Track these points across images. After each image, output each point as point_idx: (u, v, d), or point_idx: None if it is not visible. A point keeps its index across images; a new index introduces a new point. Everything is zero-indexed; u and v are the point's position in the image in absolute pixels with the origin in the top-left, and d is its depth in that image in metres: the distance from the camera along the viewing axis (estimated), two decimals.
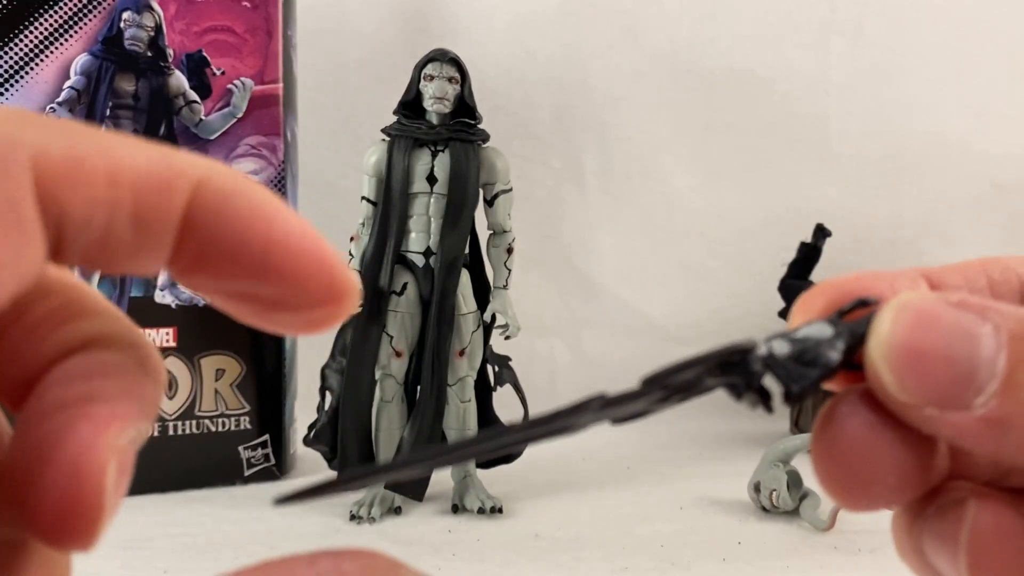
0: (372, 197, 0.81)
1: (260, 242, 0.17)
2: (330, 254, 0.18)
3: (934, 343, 0.19)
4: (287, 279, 0.17)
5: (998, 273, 0.22)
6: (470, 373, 0.82)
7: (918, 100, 1.09)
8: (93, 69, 0.79)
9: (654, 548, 0.70)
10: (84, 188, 0.16)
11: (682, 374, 0.20)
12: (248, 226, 0.17)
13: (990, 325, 0.19)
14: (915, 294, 0.20)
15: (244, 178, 0.18)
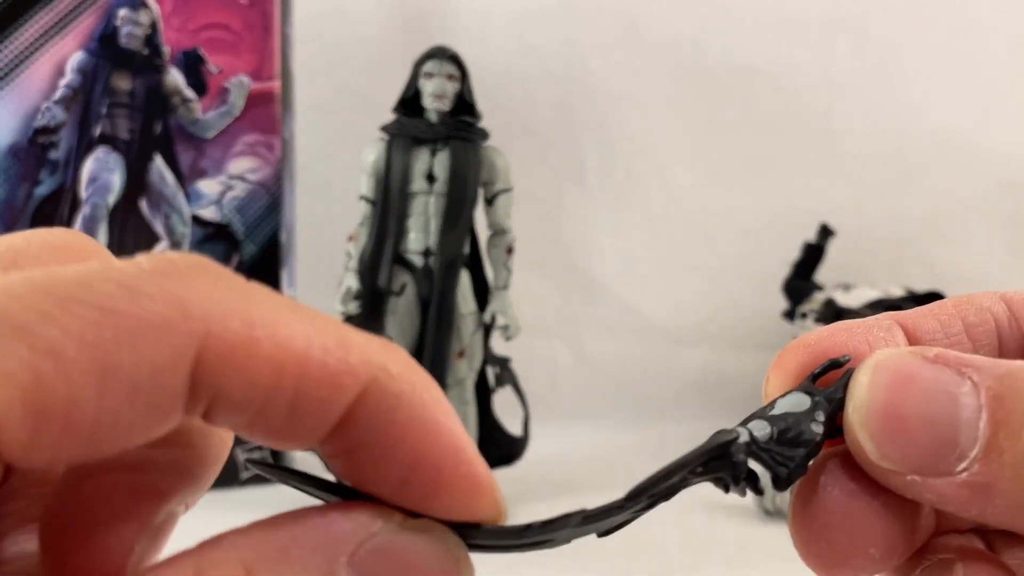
0: (370, 196, 0.81)
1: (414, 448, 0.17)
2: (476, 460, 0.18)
3: (913, 406, 0.19)
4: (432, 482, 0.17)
5: (973, 314, 0.22)
6: (470, 374, 0.81)
7: (923, 99, 1.09)
8: (89, 67, 0.79)
9: (656, 552, 0.70)
10: (248, 374, 0.16)
11: (667, 481, 0.20)
12: (407, 431, 0.17)
13: (968, 384, 0.19)
14: (890, 352, 0.19)
15: (416, 379, 0.17)
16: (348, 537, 0.16)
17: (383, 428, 0.17)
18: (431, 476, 0.17)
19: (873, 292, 0.87)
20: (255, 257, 0.81)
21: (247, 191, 0.82)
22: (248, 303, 0.16)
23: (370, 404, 0.17)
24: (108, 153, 0.80)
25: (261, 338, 0.15)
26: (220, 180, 0.81)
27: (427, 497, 0.17)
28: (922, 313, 0.22)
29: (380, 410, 0.17)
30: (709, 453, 0.20)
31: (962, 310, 0.22)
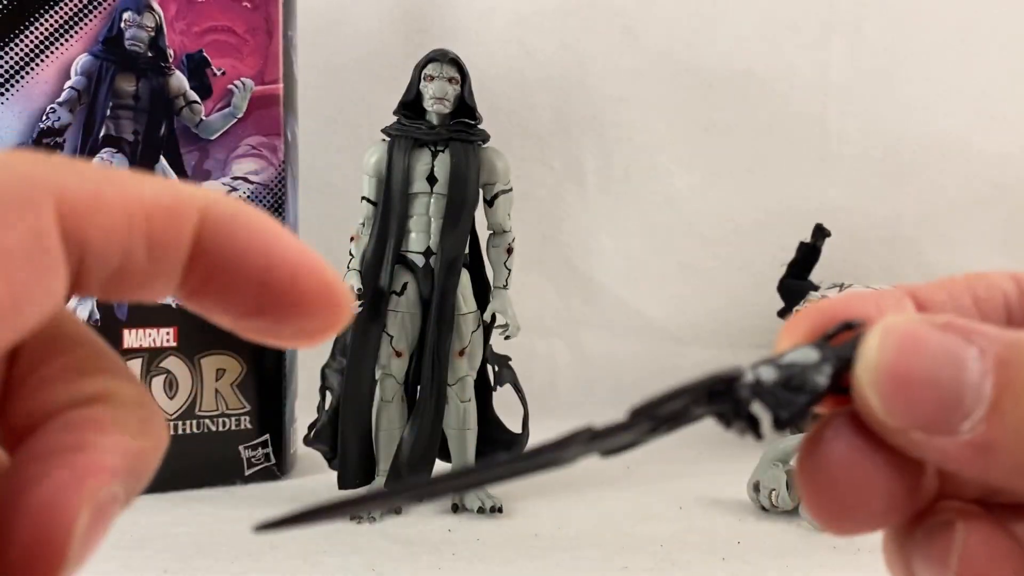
0: (372, 197, 0.81)
1: (262, 258, 0.18)
2: (325, 266, 0.19)
3: (920, 367, 0.19)
4: (287, 291, 0.19)
5: (983, 290, 0.22)
6: (470, 373, 0.82)
7: (917, 100, 1.09)
8: (94, 69, 0.79)
9: (653, 547, 0.70)
10: (103, 218, 0.17)
11: (669, 404, 0.20)
12: (250, 245, 0.18)
13: (975, 348, 0.19)
14: (901, 317, 0.20)
15: (243, 204, 0.19)
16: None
17: (228, 246, 0.18)
18: (284, 288, 0.19)
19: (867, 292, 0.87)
20: None
21: (250, 192, 0.82)
22: (84, 168, 0.18)
23: (212, 225, 0.18)
24: (113, 155, 0.81)
25: (106, 190, 0.17)
26: (224, 181, 0.82)
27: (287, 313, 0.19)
28: (933, 286, 0.22)
29: (221, 230, 0.18)
30: (713, 382, 0.20)
31: (972, 285, 0.22)
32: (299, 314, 0.19)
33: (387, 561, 0.69)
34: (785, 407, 0.20)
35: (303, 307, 0.19)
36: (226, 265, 0.18)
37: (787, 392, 0.20)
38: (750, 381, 0.20)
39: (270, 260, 0.18)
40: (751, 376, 0.20)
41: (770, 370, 0.20)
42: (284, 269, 0.19)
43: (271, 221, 0.19)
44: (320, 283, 0.19)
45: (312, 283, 0.19)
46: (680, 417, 0.20)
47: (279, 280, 0.19)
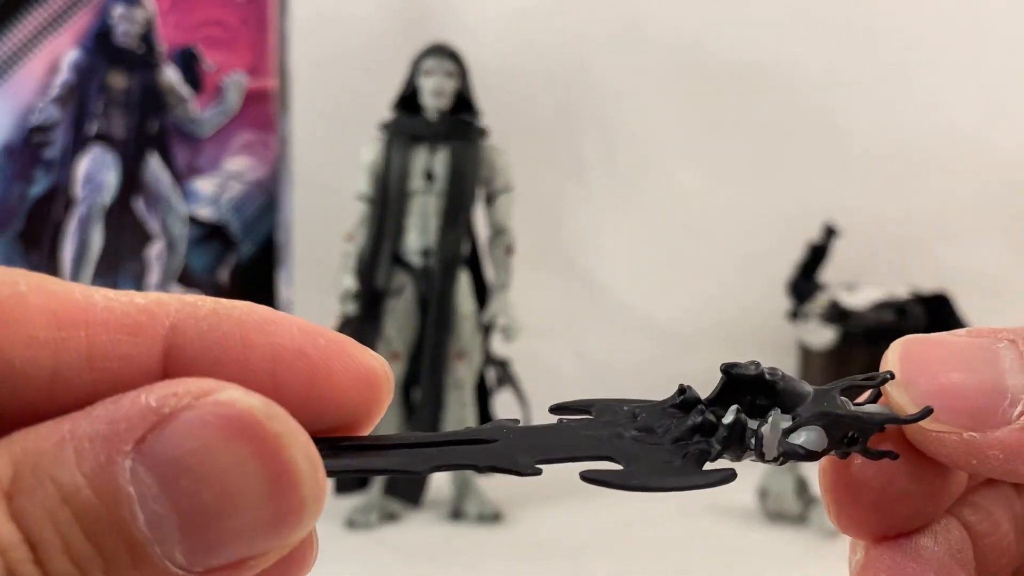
0: (369, 195, 0.80)
1: (266, 360, 0.16)
2: (347, 345, 0.16)
3: (951, 365, 0.18)
4: (306, 387, 0.16)
5: None
6: (469, 375, 0.81)
7: (929, 98, 1.08)
8: (84, 65, 0.78)
9: (658, 555, 0.70)
10: (23, 328, 0.15)
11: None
12: (244, 346, 0.16)
13: (1004, 340, 0.18)
14: (914, 335, 0.19)
15: (226, 301, 0.16)
16: (134, 422, 0.14)
17: (218, 356, 0.16)
18: (301, 385, 0.16)
19: (878, 292, 0.86)
20: (252, 257, 0.81)
21: (243, 190, 0.81)
22: (18, 275, 0.15)
23: (189, 340, 0.16)
24: (103, 152, 0.79)
25: (27, 292, 0.15)
26: (216, 179, 0.81)
27: (315, 410, 0.16)
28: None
29: (203, 341, 0.16)
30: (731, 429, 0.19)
31: None
32: (332, 411, 0.16)
33: (384, 569, 0.69)
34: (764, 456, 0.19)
35: (335, 402, 0.16)
36: (220, 376, 0.15)
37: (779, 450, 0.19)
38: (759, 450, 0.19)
39: (277, 359, 0.16)
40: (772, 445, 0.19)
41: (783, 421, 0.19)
42: (298, 364, 0.16)
43: (266, 311, 0.16)
44: (350, 367, 0.16)
45: (339, 371, 0.16)
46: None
47: (295, 379, 0.16)
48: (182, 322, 0.16)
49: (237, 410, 0.14)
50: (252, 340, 0.16)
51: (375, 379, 0.16)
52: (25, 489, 0.14)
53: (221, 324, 0.16)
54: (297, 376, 0.16)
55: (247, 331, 0.16)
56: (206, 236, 0.80)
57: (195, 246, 0.80)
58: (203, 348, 0.16)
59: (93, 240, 0.79)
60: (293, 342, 0.16)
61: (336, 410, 0.16)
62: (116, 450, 0.14)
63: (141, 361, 0.15)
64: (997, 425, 0.18)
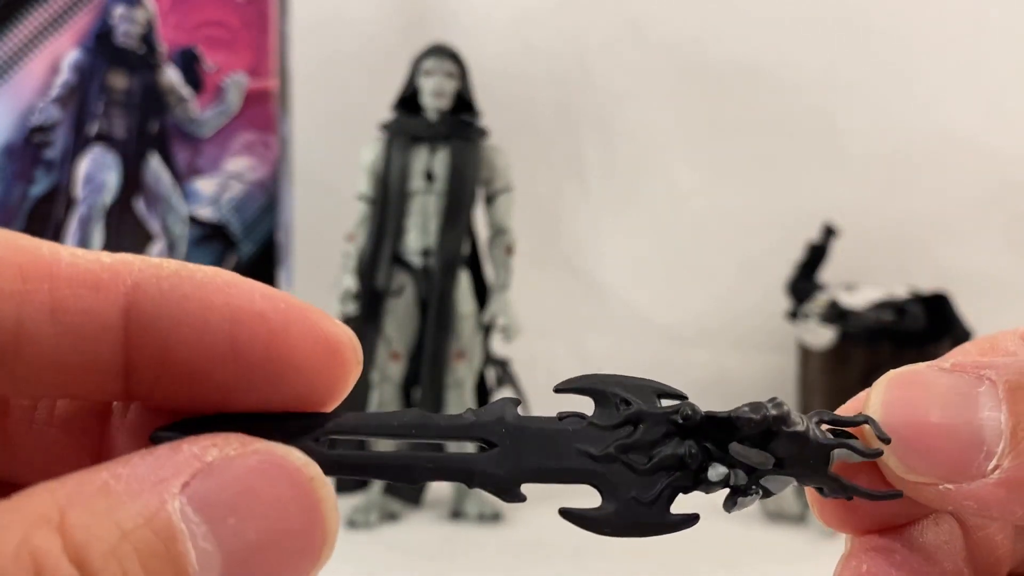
0: (369, 195, 0.80)
1: (225, 321, 0.16)
2: (311, 313, 0.16)
3: (931, 414, 0.18)
4: (267, 352, 0.16)
5: None
6: (469, 375, 0.81)
7: (928, 98, 1.08)
8: (84, 65, 0.78)
9: (656, 555, 0.69)
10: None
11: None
12: (205, 307, 0.16)
13: (986, 383, 0.18)
14: (902, 368, 0.19)
15: (190, 265, 0.16)
16: (180, 468, 0.15)
17: (177, 319, 0.16)
18: (262, 350, 0.16)
19: (877, 292, 0.86)
20: (252, 257, 0.81)
21: (244, 190, 0.81)
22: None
23: (148, 299, 0.16)
24: (104, 152, 0.79)
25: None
26: (217, 179, 0.81)
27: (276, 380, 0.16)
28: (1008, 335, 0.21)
29: (163, 302, 0.16)
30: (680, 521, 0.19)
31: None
32: (291, 378, 0.16)
33: (385, 569, 0.69)
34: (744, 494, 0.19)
35: (293, 368, 0.16)
36: (181, 339, 0.16)
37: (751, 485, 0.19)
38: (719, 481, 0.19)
39: (236, 320, 0.16)
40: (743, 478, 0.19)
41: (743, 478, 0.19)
42: (257, 327, 0.16)
43: (229, 275, 0.16)
44: (309, 333, 0.16)
45: (298, 335, 0.16)
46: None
47: (253, 341, 0.16)
48: (144, 281, 0.16)
49: (278, 458, 0.15)
50: (212, 302, 0.16)
51: (337, 347, 0.16)
52: (80, 527, 0.14)
53: (182, 285, 0.16)
54: (255, 339, 0.16)
55: (207, 293, 0.16)
56: (207, 236, 0.80)
57: (196, 246, 0.80)
58: (163, 307, 0.16)
59: (94, 240, 0.79)
60: (252, 305, 0.16)
61: (296, 376, 0.16)
62: (166, 492, 0.15)
63: (102, 316, 0.16)
64: (972, 477, 0.18)
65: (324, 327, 0.16)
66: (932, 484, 0.18)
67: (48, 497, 0.15)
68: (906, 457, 0.18)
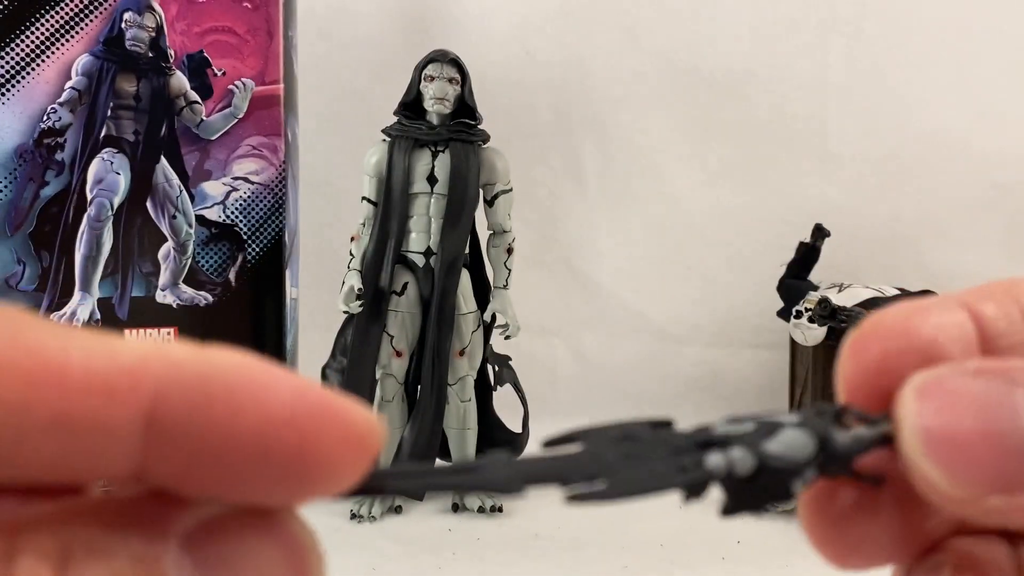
0: (372, 197, 0.81)
1: (254, 424, 0.15)
2: (335, 403, 0.16)
3: (972, 424, 0.17)
4: (298, 455, 0.15)
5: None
6: (470, 373, 0.82)
7: (917, 100, 1.09)
8: (94, 70, 0.79)
9: (654, 547, 0.70)
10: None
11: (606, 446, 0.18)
12: (232, 411, 0.15)
13: (1021, 388, 0.17)
14: (928, 374, 0.18)
15: (217, 354, 0.15)
16: (182, 517, 0.15)
17: (205, 423, 0.15)
18: (294, 453, 0.15)
19: (867, 292, 0.87)
20: (259, 258, 0.82)
21: (251, 192, 0.82)
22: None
23: (174, 403, 0.14)
24: (114, 155, 0.81)
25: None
26: (224, 182, 0.82)
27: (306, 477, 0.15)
28: (982, 295, 0.20)
29: (190, 406, 0.15)
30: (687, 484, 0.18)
31: (1016, 295, 0.20)
32: (321, 474, 0.15)
33: (387, 560, 0.69)
34: (741, 502, 0.18)
35: (325, 466, 0.15)
36: (206, 448, 0.15)
37: (752, 489, 0.18)
38: (719, 467, 0.18)
39: (267, 426, 0.15)
40: (722, 468, 0.18)
41: (747, 458, 0.18)
42: (289, 432, 0.15)
43: (256, 369, 0.15)
44: (342, 431, 0.15)
45: (330, 435, 0.15)
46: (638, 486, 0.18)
47: (285, 446, 0.15)
48: (166, 388, 0.14)
49: (278, 521, 0.15)
50: (240, 406, 0.15)
51: (367, 440, 0.16)
52: (77, 567, 0.14)
53: (209, 388, 0.15)
54: (287, 443, 0.15)
55: (235, 396, 0.15)
56: (215, 237, 0.82)
57: (204, 247, 0.81)
58: (188, 416, 0.14)
59: (103, 241, 0.80)
60: (284, 409, 0.15)
61: (326, 472, 0.15)
62: (164, 540, 0.15)
63: (117, 428, 0.14)
64: (1021, 489, 0.17)
65: (355, 423, 0.16)
66: (981, 499, 0.17)
67: (51, 533, 0.14)
68: (953, 471, 0.17)
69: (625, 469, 0.18)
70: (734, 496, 0.18)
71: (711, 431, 0.18)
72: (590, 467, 0.18)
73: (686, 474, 0.18)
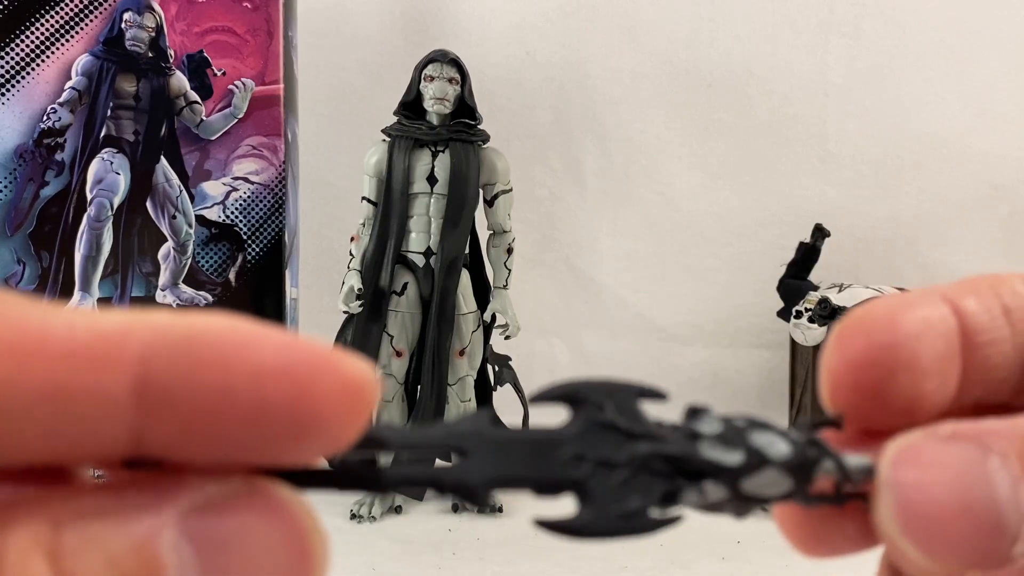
0: (373, 197, 0.81)
1: (247, 379, 0.14)
2: (327, 353, 0.15)
3: (948, 497, 0.17)
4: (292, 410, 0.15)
5: (1009, 297, 0.20)
6: (470, 373, 0.82)
7: (916, 100, 1.09)
8: (94, 70, 0.80)
9: (653, 547, 0.70)
10: None
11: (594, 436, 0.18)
12: (224, 369, 0.14)
13: (995, 456, 0.17)
14: (903, 441, 0.18)
15: (200, 318, 0.15)
16: (179, 498, 0.15)
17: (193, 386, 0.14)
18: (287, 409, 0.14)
19: (866, 292, 0.87)
20: (259, 258, 0.82)
21: (251, 192, 0.83)
22: None
23: (161, 370, 0.14)
24: (114, 155, 0.81)
25: None
26: (224, 182, 0.82)
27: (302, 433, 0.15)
28: (965, 291, 0.19)
29: (177, 370, 0.14)
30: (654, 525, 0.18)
31: (998, 292, 0.19)
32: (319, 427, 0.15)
33: (387, 560, 0.69)
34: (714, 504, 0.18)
35: (322, 418, 0.15)
36: (201, 408, 0.14)
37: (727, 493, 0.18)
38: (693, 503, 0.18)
39: (259, 380, 0.14)
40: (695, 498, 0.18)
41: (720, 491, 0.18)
42: (283, 384, 0.14)
43: (244, 327, 0.15)
44: (336, 381, 0.15)
45: (324, 385, 0.15)
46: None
47: (280, 399, 0.14)
48: (153, 351, 0.14)
49: (280, 502, 0.15)
50: (231, 364, 0.14)
51: (362, 389, 0.15)
52: (70, 552, 0.14)
53: (197, 350, 0.14)
54: (282, 396, 0.14)
55: (225, 355, 0.14)
56: (215, 237, 0.82)
57: (204, 247, 0.81)
58: (178, 378, 0.14)
59: (103, 241, 0.80)
60: (276, 360, 0.15)
61: (324, 425, 0.15)
62: (161, 523, 0.14)
63: (106, 395, 0.14)
64: (999, 563, 0.17)
65: (348, 371, 0.15)
66: (957, 574, 0.17)
67: (44, 512, 0.14)
68: (928, 546, 0.17)
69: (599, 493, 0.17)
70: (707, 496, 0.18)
71: (695, 450, 0.18)
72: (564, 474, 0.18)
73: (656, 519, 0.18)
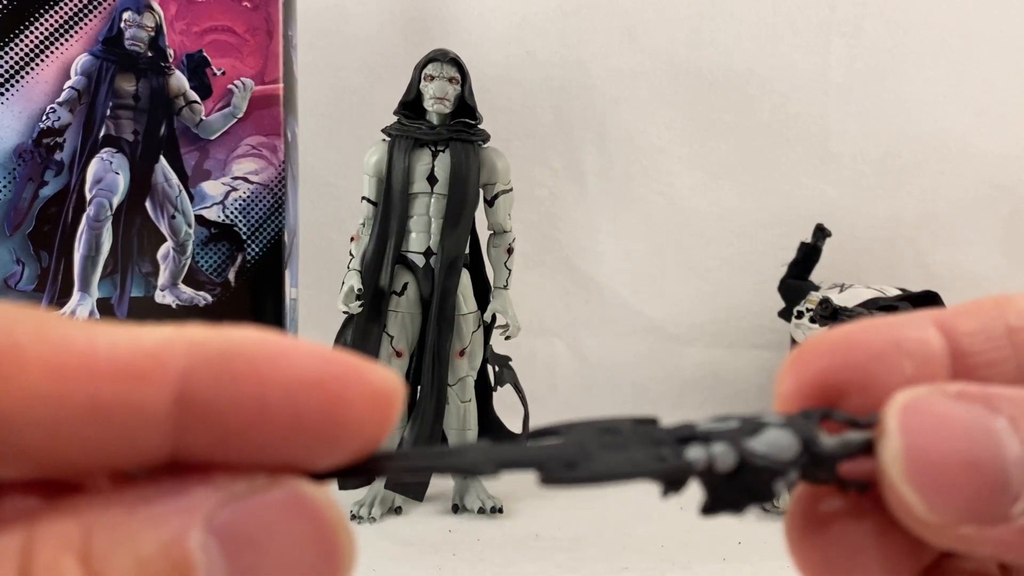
0: (372, 197, 0.81)
1: (282, 393, 0.15)
2: (357, 365, 0.16)
3: (954, 450, 0.17)
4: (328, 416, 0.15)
5: (1014, 317, 0.19)
6: (470, 373, 0.82)
7: (917, 100, 1.09)
8: (93, 69, 0.79)
9: (654, 548, 0.70)
10: (16, 384, 0.14)
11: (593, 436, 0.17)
12: (260, 382, 0.15)
13: (1003, 418, 0.17)
14: (912, 393, 0.18)
15: (237, 332, 0.16)
16: (205, 497, 0.15)
17: (232, 397, 0.15)
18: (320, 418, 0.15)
19: (867, 292, 0.87)
20: (258, 258, 0.82)
21: (250, 192, 0.82)
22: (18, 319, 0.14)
23: (200, 383, 0.15)
24: (113, 154, 0.81)
25: (24, 344, 0.14)
26: (224, 181, 0.82)
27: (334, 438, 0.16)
28: (962, 313, 0.19)
29: (216, 383, 0.15)
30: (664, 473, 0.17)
31: (1003, 311, 0.19)
32: (351, 435, 0.16)
33: (387, 561, 0.69)
34: (722, 500, 0.18)
35: (354, 427, 0.16)
36: (238, 421, 0.15)
37: (734, 487, 0.17)
38: (701, 470, 0.17)
39: (294, 394, 0.15)
40: (703, 462, 0.17)
41: (729, 454, 0.17)
42: (316, 397, 0.15)
43: (277, 341, 0.15)
44: (366, 391, 0.16)
45: (356, 396, 0.16)
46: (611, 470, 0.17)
47: (313, 411, 0.15)
48: (192, 366, 0.15)
49: (305, 497, 0.15)
50: (267, 378, 0.15)
51: (390, 398, 0.16)
52: (100, 554, 0.14)
53: (234, 365, 0.15)
54: (315, 408, 0.15)
55: (261, 369, 0.15)
56: (214, 237, 0.82)
57: (203, 247, 0.81)
58: (217, 392, 0.15)
59: (103, 241, 0.80)
60: (309, 374, 0.15)
61: (355, 433, 0.16)
62: (189, 523, 0.15)
63: (148, 410, 0.15)
64: (996, 521, 0.17)
65: (377, 382, 0.16)
66: (952, 527, 0.17)
67: (73, 518, 0.14)
68: (929, 494, 0.17)
69: (603, 456, 0.17)
70: (715, 494, 0.18)
71: (694, 428, 0.18)
72: (568, 454, 0.17)
73: (664, 463, 0.17)
